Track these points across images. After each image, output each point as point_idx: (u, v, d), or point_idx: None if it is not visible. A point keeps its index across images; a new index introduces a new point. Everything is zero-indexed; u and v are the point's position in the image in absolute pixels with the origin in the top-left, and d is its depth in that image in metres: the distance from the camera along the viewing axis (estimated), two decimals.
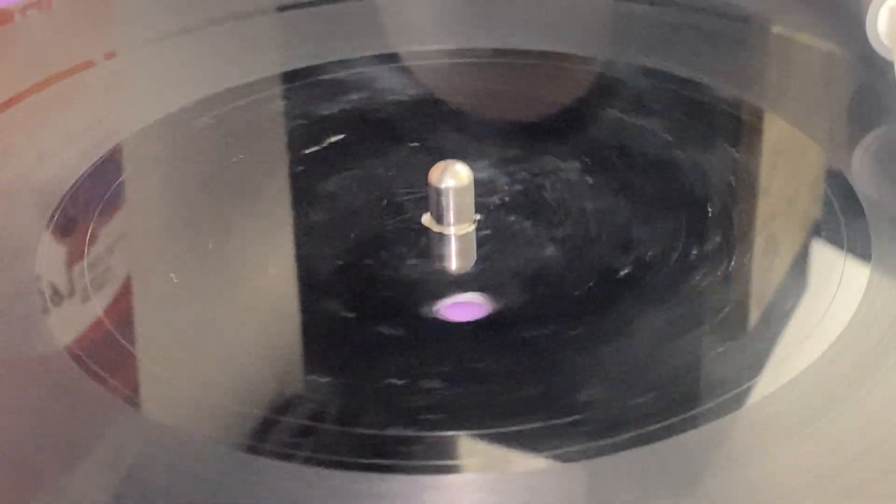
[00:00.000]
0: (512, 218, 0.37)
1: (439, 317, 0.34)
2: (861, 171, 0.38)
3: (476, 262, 0.36)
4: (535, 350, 0.32)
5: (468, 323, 0.34)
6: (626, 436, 0.30)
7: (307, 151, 0.40)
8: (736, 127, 0.41)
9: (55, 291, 0.34)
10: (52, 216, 0.37)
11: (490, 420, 0.30)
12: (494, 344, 0.33)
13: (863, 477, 0.29)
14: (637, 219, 0.37)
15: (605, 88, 0.43)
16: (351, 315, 0.34)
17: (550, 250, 0.36)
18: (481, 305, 0.34)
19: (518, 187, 0.38)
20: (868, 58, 0.42)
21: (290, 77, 0.44)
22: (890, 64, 0.41)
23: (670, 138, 0.40)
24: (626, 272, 0.35)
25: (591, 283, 0.34)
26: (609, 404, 0.31)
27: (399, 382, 0.31)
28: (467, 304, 0.34)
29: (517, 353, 0.32)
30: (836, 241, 0.35)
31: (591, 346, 0.32)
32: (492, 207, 0.37)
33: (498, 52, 0.45)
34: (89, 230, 0.37)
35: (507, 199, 0.37)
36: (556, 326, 0.33)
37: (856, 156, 0.39)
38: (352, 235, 0.36)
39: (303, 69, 0.44)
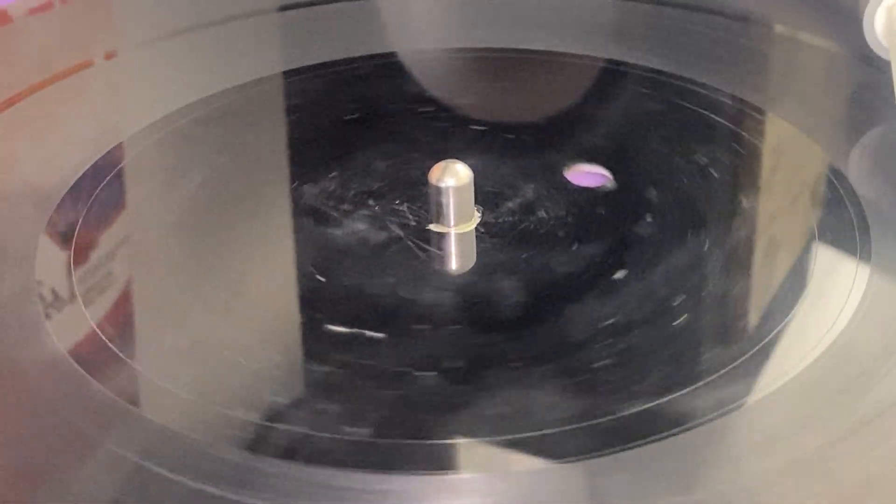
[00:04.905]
0: (512, 217, 0.37)
1: (438, 316, 0.34)
2: (859, 169, 0.38)
3: (476, 262, 0.36)
4: (534, 349, 0.32)
5: (467, 323, 0.34)
6: (625, 436, 0.30)
7: (307, 151, 0.41)
8: (734, 126, 0.41)
9: (55, 294, 0.34)
10: (52, 217, 0.37)
11: (490, 420, 0.30)
12: (494, 343, 0.33)
13: (862, 476, 0.29)
14: (637, 218, 0.37)
15: (605, 88, 0.43)
16: (350, 316, 0.34)
17: (550, 250, 0.36)
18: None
19: (518, 187, 0.38)
20: (867, 57, 0.43)
21: (290, 77, 0.44)
22: (887, 63, 0.41)
23: (670, 137, 0.40)
24: (626, 273, 0.35)
25: (589, 283, 0.34)
26: (609, 404, 0.31)
27: (397, 383, 0.31)
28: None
29: (517, 352, 0.32)
30: (834, 240, 0.35)
31: (590, 345, 0.33)
32: (492, 207, 0.37)
33: (497, 52, 0.45)
34: (89, 231, 0.37)
35: (507, 198, 0.38)
36: (557, 326, 0.33)
37: (854, 154, 0.39)
38: (352, 236, 0.36)
39: (303, 69, 0.44)
